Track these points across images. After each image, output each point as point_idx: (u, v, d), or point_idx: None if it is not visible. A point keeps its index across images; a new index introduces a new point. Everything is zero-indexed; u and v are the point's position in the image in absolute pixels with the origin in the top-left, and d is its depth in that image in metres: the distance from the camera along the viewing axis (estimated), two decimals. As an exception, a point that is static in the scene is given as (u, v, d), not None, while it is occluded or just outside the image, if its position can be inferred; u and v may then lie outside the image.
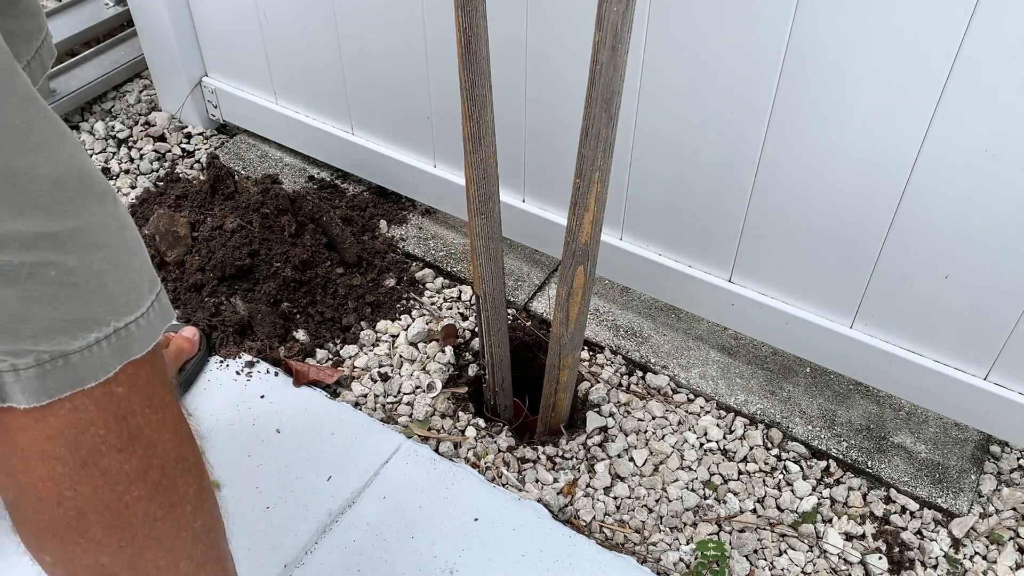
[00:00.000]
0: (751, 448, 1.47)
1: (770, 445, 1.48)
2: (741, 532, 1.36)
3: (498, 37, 1.50)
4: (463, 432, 1.48)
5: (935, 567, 1.33)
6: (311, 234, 1.73)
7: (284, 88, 1.92)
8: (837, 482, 1.43)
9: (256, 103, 1.98)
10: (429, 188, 1.83)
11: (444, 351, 1.59)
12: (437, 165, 1.79)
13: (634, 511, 1.38)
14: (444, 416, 1.50)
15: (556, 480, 1.42)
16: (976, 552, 1.35)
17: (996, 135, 1.18)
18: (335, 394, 1.53)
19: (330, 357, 1.59)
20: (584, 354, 1.60)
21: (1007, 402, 1.40)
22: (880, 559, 1.33)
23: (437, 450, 1.44)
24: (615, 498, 1.40)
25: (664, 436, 1.48)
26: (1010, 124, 1.16)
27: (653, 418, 1.51)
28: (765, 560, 1.34)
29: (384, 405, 1.52)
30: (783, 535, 1.36)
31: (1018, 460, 1.46)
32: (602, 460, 1.44)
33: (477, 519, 1.33)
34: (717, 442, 1.48)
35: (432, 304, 1.69)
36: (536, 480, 1.42)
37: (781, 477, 1.44)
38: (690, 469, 1.44)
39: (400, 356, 1.59)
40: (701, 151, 1.43)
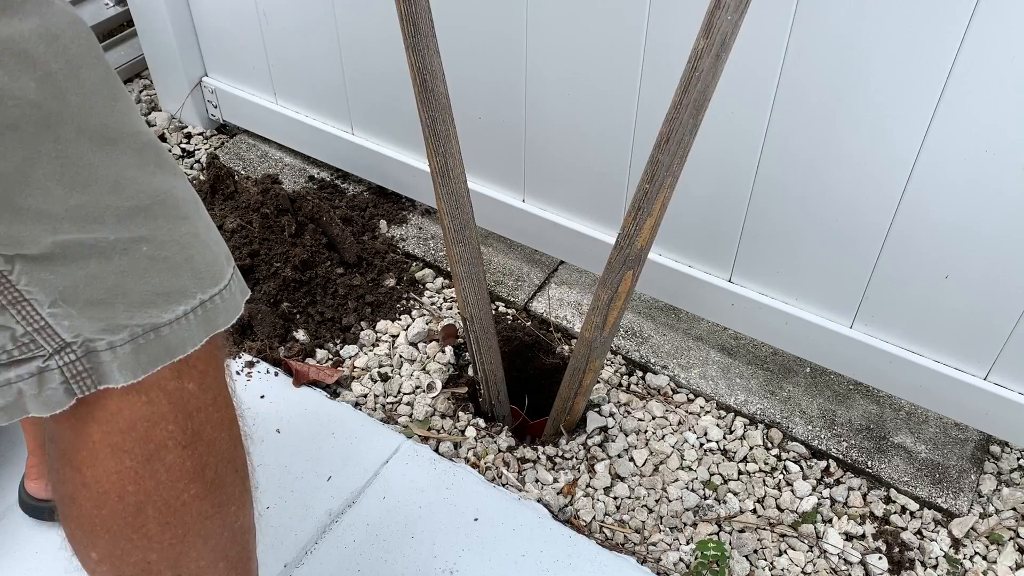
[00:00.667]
0: (751, 448, 1.47)
1: (770, 445, 1.48)
2: (741, 532, 1.36)
3: (499, 37, 1.50)
4: (463, 432, 1.48)
5: (935, 567, 1.33)
6: (311, 234, 1.73)
7: (284, 88, 1.92)
8: (837, 482, 1.43)
9: (256, 103, 1.98)
10: (429, 188, 1.83)
11: (444, 351, 1.59)
12: (437, 165, 1.79)
13: (634, 511, 1.38)
14: (444, 416, 1.50)
15: (556, 480, 1.42)
16: (976, 552, 1.35)
17: (996, 135, 1.18)
18: (335, 394, 1.53)
19: (330, 357, 1.59)
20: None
21: (1007, 402, 1.40)
22: (880, 559, 1.33)
23: (437, 450, 1.44)
24: (615, 498, 1.40)
25: (664, 436, 1.48)
26: (1009, 124, 1.16)
27: (653, 418, 1.51)
28: (765, 560, 1.33)
29: (384, 405, 1.52)
30: (783, 535, 1.36)
31: (1018, 460, 1.46)
32: (602, 460, 1.44)
33: (477, 519, 1.33)
34: (717, 442, 1.48)
35: (432, 304, 1.69)
36: (536, 480, 1.42)
37: (781, 477, 1.44)
38: (690, 469, 1.44)
39: (400, 356, 1.59)
40: (701, 151, 1.43)
